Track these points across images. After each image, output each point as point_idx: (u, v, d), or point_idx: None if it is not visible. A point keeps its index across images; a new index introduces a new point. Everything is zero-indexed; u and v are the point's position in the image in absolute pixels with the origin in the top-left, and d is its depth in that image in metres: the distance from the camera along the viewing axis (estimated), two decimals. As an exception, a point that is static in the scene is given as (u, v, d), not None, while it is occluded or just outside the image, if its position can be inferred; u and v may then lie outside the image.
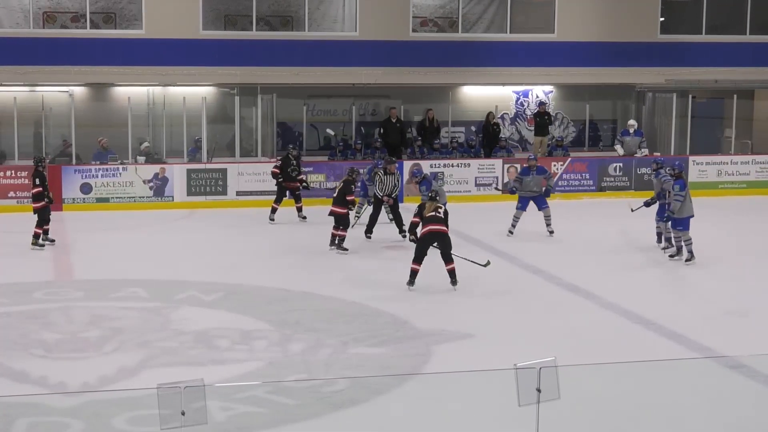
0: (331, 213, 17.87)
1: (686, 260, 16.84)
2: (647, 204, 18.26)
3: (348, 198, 17.86)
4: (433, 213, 15.00)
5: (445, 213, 15.15)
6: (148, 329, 13.00)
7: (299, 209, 20.97)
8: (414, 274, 14.93)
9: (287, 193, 20.98)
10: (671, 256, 17.15)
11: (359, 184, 19.81)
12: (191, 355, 11.95)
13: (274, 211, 20.76)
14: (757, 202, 21.01)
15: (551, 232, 19.07)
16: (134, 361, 11.60)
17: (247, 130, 24.75)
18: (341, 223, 17.82)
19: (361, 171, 20.45)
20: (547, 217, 19.12)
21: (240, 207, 22.52)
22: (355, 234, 18.71)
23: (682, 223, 16.80)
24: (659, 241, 17.89)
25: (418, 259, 14.93)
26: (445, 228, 14.96)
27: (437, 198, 15.59)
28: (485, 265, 15.41)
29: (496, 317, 13.80)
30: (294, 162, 20.96)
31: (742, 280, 16.02)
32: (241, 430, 9.52)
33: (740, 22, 27.08)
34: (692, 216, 16.80)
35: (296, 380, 11.05)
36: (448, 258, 14.97)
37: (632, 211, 18.45)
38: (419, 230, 15.12)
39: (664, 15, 26.76)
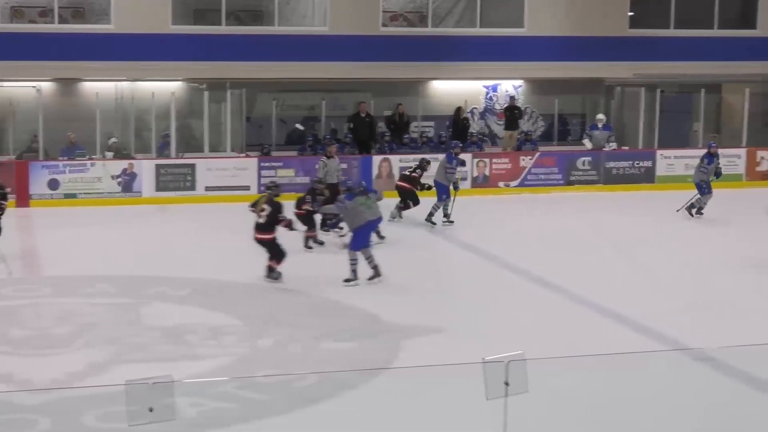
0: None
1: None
2: None
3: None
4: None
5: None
6: (117, 325, 12.96)
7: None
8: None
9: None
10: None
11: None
12: (161, 351, 11.92)
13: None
14: (724, 196, 21.17)
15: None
16: (103, 358, 11.57)
17: (216, 126, 24.66)
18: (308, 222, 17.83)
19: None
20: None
21: (209, 202, 22.46)
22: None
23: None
24: None
25: None
26: None
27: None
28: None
29: (466, 311, 13.84)
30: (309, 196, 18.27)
31: (710, 272, 16.13)
32: (211, 426, 9.50)
33: (708, 16, 27.23)
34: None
35: (266, 375, 11.05)
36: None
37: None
38: None
39: (634, 9, 26.87)
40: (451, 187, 19.58)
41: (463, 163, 20.62)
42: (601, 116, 25.56)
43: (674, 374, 10.63)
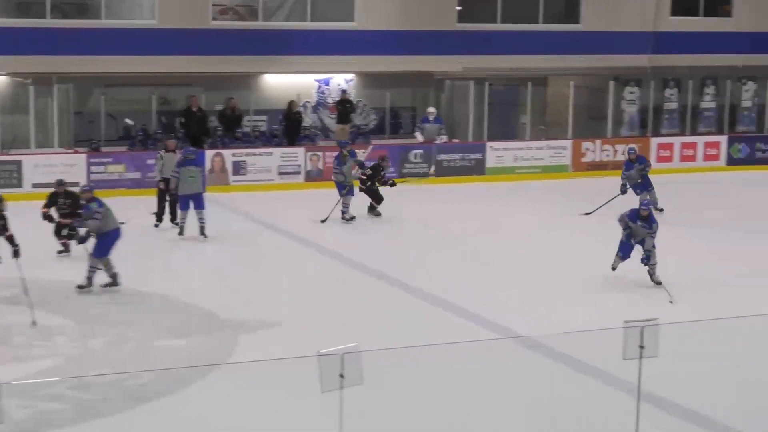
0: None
1: None
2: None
3: None
4: None
5: None
6: (-59, 328, 12.57)
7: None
8: None
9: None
10: None
11: None
12: (-12, 353, 11.63)
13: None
14: (551, 185, 21.75)
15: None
16: (-74, 362, 11.22)
17: (42, 121, 24.05)
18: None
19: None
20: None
21: (36, 200, 21.75)
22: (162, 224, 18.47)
23: None
24: None
25: None
26: None
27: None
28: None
29: (302, 305, 13.89)
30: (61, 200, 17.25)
31: (540, 261, 16.53)
32: (43, 428, 9.32)
33: (534, 11, 27.88)
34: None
35: (99, 375, 10.88)
36: None
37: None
38: None
39: (461, 4, 27.30)
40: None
41: (360, 164, 20.41)
42: (431, 109, 25.89)
43: (507, 361, 10.88)
